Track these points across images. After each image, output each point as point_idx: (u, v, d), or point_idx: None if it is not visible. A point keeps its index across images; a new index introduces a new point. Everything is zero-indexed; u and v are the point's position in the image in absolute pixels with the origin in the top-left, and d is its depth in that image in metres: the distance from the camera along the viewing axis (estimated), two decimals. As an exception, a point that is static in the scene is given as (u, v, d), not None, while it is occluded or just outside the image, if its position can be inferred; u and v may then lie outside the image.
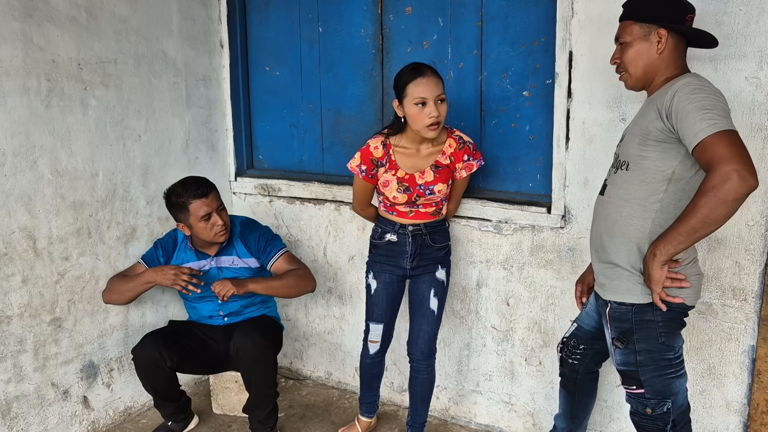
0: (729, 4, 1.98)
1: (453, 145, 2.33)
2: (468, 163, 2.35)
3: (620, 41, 1.83)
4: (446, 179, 2.34)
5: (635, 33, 1.79)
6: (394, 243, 2.40)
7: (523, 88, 2.50)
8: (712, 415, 2.25)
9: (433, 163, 2.32)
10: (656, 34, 1.75)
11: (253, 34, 3.18)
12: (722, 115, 1.59)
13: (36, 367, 2.49)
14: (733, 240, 2.11)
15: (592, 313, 2.06)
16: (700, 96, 1.61)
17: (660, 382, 1.81)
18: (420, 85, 2.15)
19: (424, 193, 2.31)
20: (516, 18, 2.47)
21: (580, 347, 2.10)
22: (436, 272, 2.42)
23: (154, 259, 2.62)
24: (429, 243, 2.40)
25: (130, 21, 2.71)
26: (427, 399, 2.52)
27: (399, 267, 2.42)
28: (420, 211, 2.37)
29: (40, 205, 2.45)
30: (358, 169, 2.36)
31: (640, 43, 1.78)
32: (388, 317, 2.49)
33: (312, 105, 3.06)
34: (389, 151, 2.33)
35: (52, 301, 2.53)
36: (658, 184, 1.73)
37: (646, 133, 1.74)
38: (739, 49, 1.99)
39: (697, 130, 1.58)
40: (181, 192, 2.47)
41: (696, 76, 1.70)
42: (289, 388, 3.15)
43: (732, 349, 2.17)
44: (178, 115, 2.97)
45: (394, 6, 2.74)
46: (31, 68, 2.37)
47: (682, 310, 1.80)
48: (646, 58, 1.78)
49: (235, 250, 2.60)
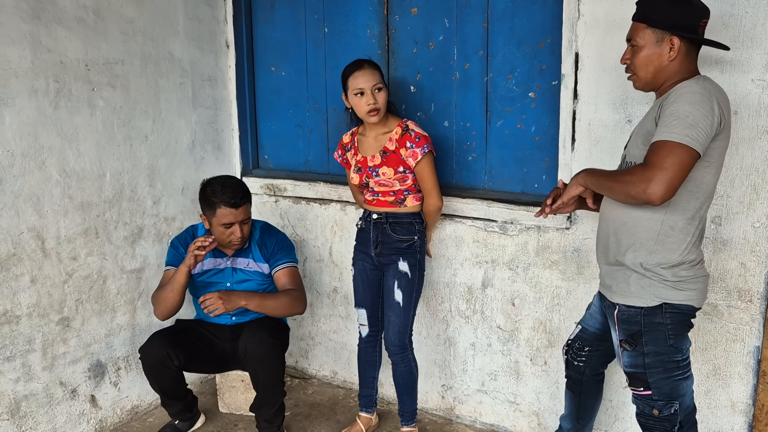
0: (736, 7, 1.99)
1: (398, 132, 2.46)
2: (412, 150, 2.42)
3: (631, 43, 1.82)
4: (394, 164, 2.44)
5: (647, 37, 1.78)
6: (363, 230, 2.58)
7: (528, 89, 2.51)
8: (717, 416, 2.26)
9: (381, 148, 2.47)
10: (669, 41, 1.75)
11: (258, 34, 3.19)
12: (688, 126, 1.62)
13: (44, 367, 2.51)
14: (738, 241, 2.11)
15: (596, 315, 2.07)
16: (681, 103, 1.65)
17: (668, 383, 1.82)
18: (358, 77, 2.39)
19: (372, 174, 2.47)
20: (522, 19, 2.47)
21: (585, 349, 2.10)
22: (398, 263, 2.49)
23: (180, 260, 2.55)
24: (389, 232, 2.49)
25: (137, 22, 2.72)
26: (410, 390, 2.60)
27: (368, 255, 2.57)
28: (380, 199, 2.51)
29: (48, 206, 2.47)
30: (337, 155, 2.68)
31: (651, 48, 1.77)
32: (368, 302, 2.60)
33: (317, 105, 3.07)
34: (354, 138, 2.59)
35: (60, 301, 2.54)
36: None
37: (649, 131, 1.75)
38: (745, 52, 1.99)
39: (658, 132, 1.66)
40: (217, 192, 2.44)
41: (701, 83, 1.70)
42: (294, 387, 3.17)
43: (737, 350, 2.18)
44: (184, 115, 2.98)
45: (400, 7, 2.74)
46: (39, 69, 2.38)
47: (689, 312, 1.81)
48: (657, 63, 1.78)
49: (251, 254, 2.61)
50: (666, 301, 1.78)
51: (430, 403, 2.91)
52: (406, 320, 2.52)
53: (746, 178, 2.06)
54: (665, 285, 1.78)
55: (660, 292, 1.79)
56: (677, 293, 1.78)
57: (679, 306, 1.78)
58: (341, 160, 2.66)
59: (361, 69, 2.40)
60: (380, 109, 2.41)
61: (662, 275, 1.78)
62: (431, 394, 2.90)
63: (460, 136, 2.69)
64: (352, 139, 2.60)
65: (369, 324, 2.61)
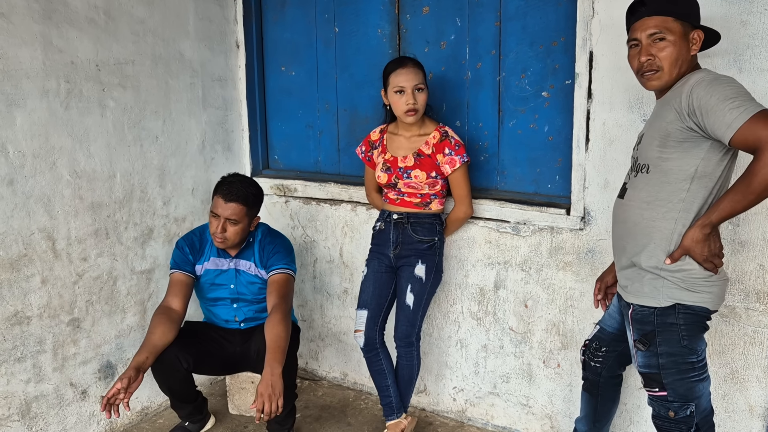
0: (755, 4, 1.95)
1: (437, 137, 2.45)
2: (450, 157, 2.42)
3: (658, 37, 1.73)
4: (427, 169, 2.43)
5: (677, 31, 1.72)
6: (382, 231, 2.56)
7: (541, 89, 2.48)
8: (734, 420, 2.23)
9: (416, 150, 2.46)
10: (695, 34, 1.72)
11: (268, 34, 3.18)
12: (748, 99, 1.59)
13: (55, 368, 2.51)
14: (757, 242, 2.08)
15: (615, 315, 2.04)
16: (720, 87, 1.61)
17: (683, 385, 1.79)
18: (400, 75, 2.37)
19: (402, 176, 2.46)
20: (535, 18, 2.45)
21: (602, 350, 2.08)
22: (415, 267, 2.48)
23: (186, 261, 2.54)
24: (410, 233, 2.48)
25: (148, 22, 2.72)
26: (408, 384, 2.60)
27: (385, 255, 2.55)
28: (405, 200, 2.50)
29: (59, 207, 2.46)
30: (360, 151, 2.66)
31: (681, 43, 1.72)
32: (373, 304, 2.54)
33: (328, 105, 3.06)
34: (383, 136, 2.58)
35: (70, 302, 2.54)
36: (680, 183, 1.72)
37: (665, 134, 1.72)
38: (765, 50, 1.96)
39: (730, 121, 1.57)
40: (223, 183, 2.46)
41: (707, 71, 1.70)
42: (304, 388, 3.15)
43: (755, 353, 2.15)
44: (194, 115, 2.97)
45: (411, 6, 2.72)
46: (50, 70, 2.38)
47: (704, 314, 1.78)
48: (684, 57, 1.74)
49: (253, 256, 2.59)
50: (679, 301, 1.76)
51: (441, 405, 2.89)
52: (414, 320, 2.51)
53: (765, 178, 2.02)
54: (678, 286, 1.76)
55: (673, 293, 1.77)
56: (690, 294, 1.76)
57: (692, 307, 1.76)
58: (364, 157, 2.64)
59: (404, 67, 2.37)
60: (419, 109, 2.39)
61: (676, 276, 1.75)
62: (443, 396, 2.88)
63: (472, 136, 2.67)
64: (381, 137, 2.58)
65: (366, 328, 2.53)
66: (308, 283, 3.19)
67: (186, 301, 2.51)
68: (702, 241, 1.69)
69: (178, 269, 2.54)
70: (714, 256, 1.72)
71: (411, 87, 2.36)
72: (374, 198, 2.72)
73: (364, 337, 2.55)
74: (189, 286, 2.54)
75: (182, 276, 2.53)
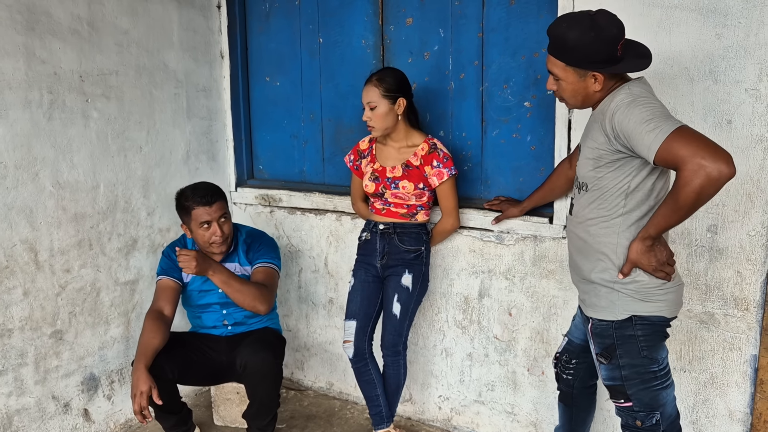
0: (729, 18, 2.00)
1: (425, 148, 2.48)
2: (438, 169, 2.44)
3: (554, 77, 1.80)
4: (415, 180, 2.46)
5: (569, 74, 1.76)
6: (368, 241, 2.57)
7: (524, 99, 2.52)
8: (715, 425, 2.26)
9: (404, 161, 2.49)
10: (591, 76, 1.74)
11: (253, 44, 3.19)
12: (664, 118, 1.61)
13: (37, 380, 2.48)
14: (734, 250, 2.12)
15: (580, 326, 2.07)
16: (636, 110, 1.63)
17: (647, 394, 1.82)
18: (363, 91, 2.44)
19: (390, 186, 2.48)
20: (516, 29, 2.49)
21: (572, 362, 2.10)
22: (402, 277, 2.49)
23: (174, 267, 2.54)
24: (397, 243, 2.50)
25: (132, 33, 2.72)
26: (395, 393, 2.61)
27: (372, 265, 2.56)
28: (391, 210, 2.52)
29: (41, 218, 2.44)
30: (348, 159, 2.68)
31: (576, 83, 1.76)
32: (362, 314, 2.56)
33: (313, 115, 3.07)
34: (372, 146, 2.60)
35: (53, 314, 2.52)
36: (617, 199, 1.76)
37: (597, 156, 1.76)
38: (738, 62, 2.01)
39: (648, 143, 1.59)
40: (189, 196, 2.46)
41: (629, 88, 1.71)
42: (290, 398, 3.14)
43: (734, 358, 2.18)
44: (178, 126, 2.97)
45: (395, 17, 2.75)
46: (33, 81, 2.37)
47: (662, 323, 1.82)
48: (584, 93, 1.78)
49: (238, 257, 2.60)
50: (635, 313, 1.79)
51: (427, 414, 2.89)
52: (401, 329, 2.53)
53: (741, 186, 2.07)
54: (633, 298, 1.79)
55: (628, 305, 1.80)
56: (646, 305, 1.79)
57: (648, 318, 1.79)
58: (352, 166, 2.67)
59: (365, 84, 2.43)
60: (375, 126, 2.43)
61: (630, 288, 1.79)
62: (428, 404, 2.88)
63: (456, 146, 2.70)
64: (370, 146, 2.61)
65: (355, 339, 2.55)
66: (293, 293, 3.19)
67: (175, 307, 2.52)
68: (646, 252, 1.73)
69: (166, 275, 2.54)
70: (663, 265, 1.75)
71: (364, 103, 2.42)
72: (360, 207, 2.74)
73: (353, 347, 2.55)
74: (177, 292, 2.55)
75: (171, 282, 2.53)
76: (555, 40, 1.75)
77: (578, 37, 1.68)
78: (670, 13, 2.08)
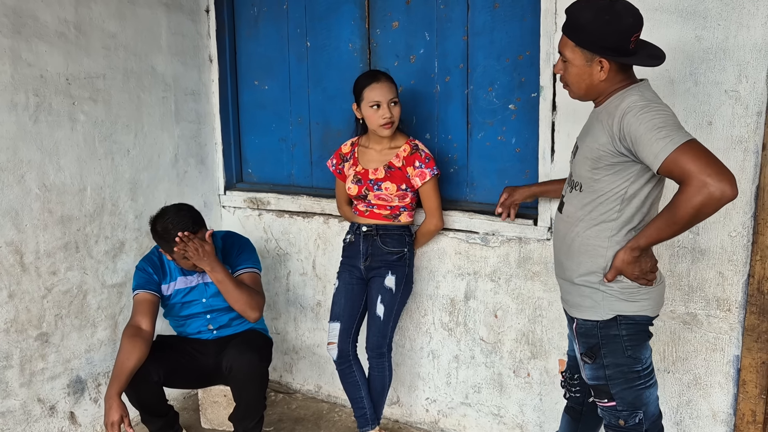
0: (708, 20, 2.02)
1: (407, 150, 2.49)
2: (420, 170, 2.46)
3: (562, 58, 1.79)
4: (398, 181, 2.47)
5: (577, 56, 1.74)
6: (352, 243, 2.59)
7: (509, 102, 2.53)
8: (698, 426, 2.26)
9: (387, 163, 2.50)
10: (598, 62, 1.72)
11: (242, 48, 3.20)
12: (676, 128, 1.59)
13: (22, 383, 2.48)
14: (716, 251, 2.13)
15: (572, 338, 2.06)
16: (650, 115, 1.61)
17: (630, 394, 1.83)
18: (375, 89, 2.39)
19: (372, 187, 2.49)
20: (501, 33, 2.50)
21: (575, 377, 2.08)
22: (385, 278, 2.50)
23: (151, 281, 2.49)
24: (380, 245, 2.51)
25: (119, 37, 2.73)
26: (380, 395, 2.61)
27: (356, 267, 2.57)
28: (374, 212, 2.53)
29: (27, 220, 2.45)
30: (330, 164, 2.68)
31: (582, 67, 1.74)
32: (346, 316, 2.56)
33: (301, 119, 3.08)
34: (354, 149, 2.60)
35: (39, 316, 2.52)
36: (611, 204, 1.75)
37: (597, 157, 1.74)
38: (718, 63, 2.02)
39: (656, 151, 1.57)
40: (170, 228, 2.34)
41: (641, 91, 1.70)
42: (278, 401, 3.14)
43: (717, 359, 2.19)
44: (167, 129, 2.98)
45: (382, 21, 2.77)
46: (19, 84, 2.38)
47: (645, 322, 1.82)
48: (588, 81, 1.76)
49: None
50: (620, 313, 1.80)
51: (414, 416, 2.89)
52: (385, 331, 2.53)
53: (722, 187, 2.08)
54: (617, 298, 1.79)
55: (613, 305, 1.80)
56: (630, 305, 1.79)
57: (633, 317, 1.79)
58: (334, 170, 2.66)
59: (378, 81, 2.40)
60: (395, 122, 2.43)
61: (614, 288, 1.79)
62: (416, 407, 2.88)
63: (442, 149, 2.71)
64: (352, 150, 2.61)
65: (339, 340, 2.55)
66: (282, 296, 3.19)
67: (154, 320, 2.46)
68: (632, 262, 1.73)
69: (142, 289, 2.48)
70: (646, 274, 1.75)
71: (387, 101, 2.39)
72: (345, 210, 2.74)
73: (337, 349, 2.56)
74: (156, 305, 2.49)
75: (148, 295, 2.47)
76: (569, 18, 1.74)
77: (592, 18, 1.67)
78: (650, 15, 2.09)
